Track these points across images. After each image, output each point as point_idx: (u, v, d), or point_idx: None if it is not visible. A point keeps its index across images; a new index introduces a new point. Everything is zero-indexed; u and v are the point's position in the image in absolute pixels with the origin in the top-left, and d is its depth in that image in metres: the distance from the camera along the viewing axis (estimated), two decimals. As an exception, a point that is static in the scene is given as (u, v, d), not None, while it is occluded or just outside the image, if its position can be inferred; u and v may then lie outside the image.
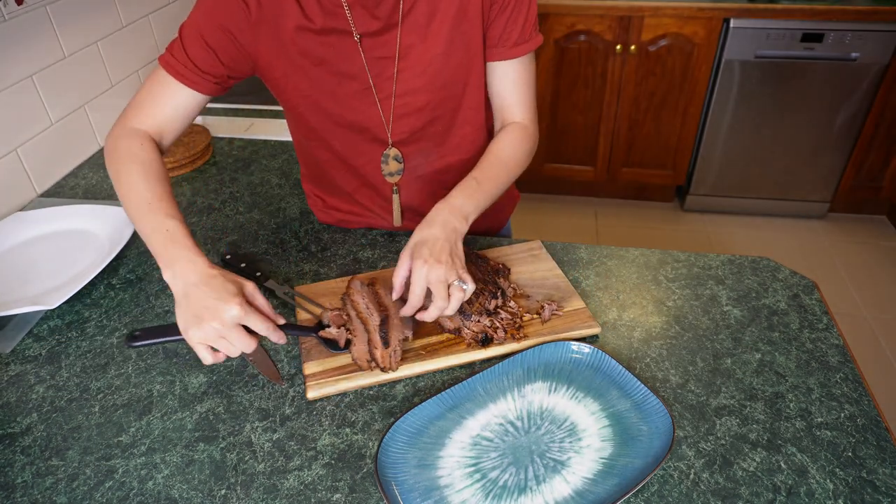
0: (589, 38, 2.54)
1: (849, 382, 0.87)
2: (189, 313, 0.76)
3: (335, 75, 0.96)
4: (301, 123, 1.05)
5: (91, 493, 0.75)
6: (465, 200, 0.92)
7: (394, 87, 0.98)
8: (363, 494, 0.74)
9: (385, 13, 0.92)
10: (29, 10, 1.34)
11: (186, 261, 0.78)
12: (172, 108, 0.95)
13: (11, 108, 1.32)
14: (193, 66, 0.93)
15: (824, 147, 2.65)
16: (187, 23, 0.94)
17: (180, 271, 0.78)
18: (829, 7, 2.33)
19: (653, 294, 1.03)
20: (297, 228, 1.22)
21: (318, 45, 0.94)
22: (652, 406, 0.81)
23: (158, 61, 0.95)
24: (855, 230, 2.84)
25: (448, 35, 0.95)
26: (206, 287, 0.76)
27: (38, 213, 1.23)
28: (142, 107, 0.95)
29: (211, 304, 0.75)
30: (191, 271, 0.77)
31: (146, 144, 0.92)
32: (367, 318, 0.90)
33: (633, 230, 2.88)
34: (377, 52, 0.95)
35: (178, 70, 0.93)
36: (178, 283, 0.77)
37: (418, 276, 0.84)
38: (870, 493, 0.73)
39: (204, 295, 0.75)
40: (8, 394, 0.89)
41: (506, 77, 1.01)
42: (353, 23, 0.92)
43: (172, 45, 0.94)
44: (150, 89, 0.95)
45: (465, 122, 1.05)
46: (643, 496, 0.73)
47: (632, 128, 2.75)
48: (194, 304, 0.75)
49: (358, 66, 0.96)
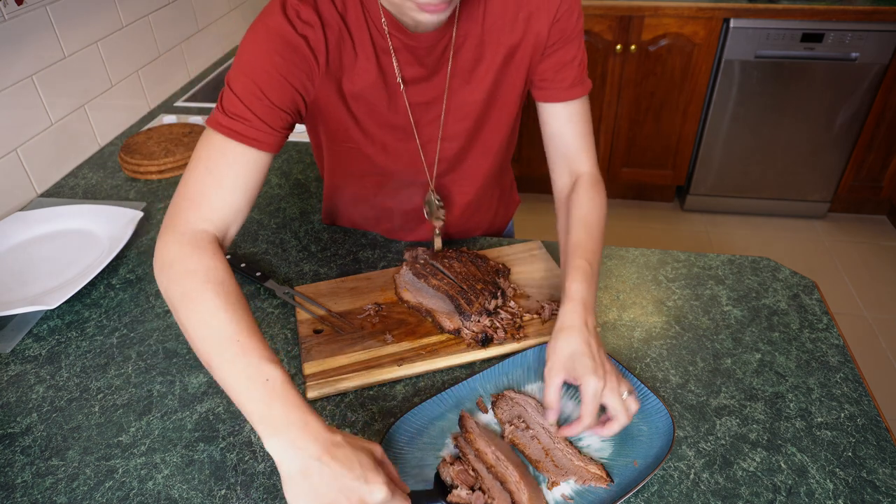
0: (589, 38, 2.54)
1: (849, 382, 0.86)
2: (314, 496, 0.59)
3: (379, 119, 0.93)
4: (334, 154, 1.02)
5: (91, 493, 0.75)
6: (587, 291, 0.82)
7: (440, 132, 0.96)
8: (363, 494, 0.74)
9: (432, 62, 0.89)
10: (29, 10, 1.34)
11: (302, 425, 0.61)
12: (241, 186, 0.78)
13: (11, 108, 1.32)
14: (262, 124, 0.77)
15: (824, 147, 2.65)
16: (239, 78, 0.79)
17: (297, 440, 0.60)
18: (829, 7, 2.33)
19: (653, 294, 1.03)
20: (297, 228, 1.22)
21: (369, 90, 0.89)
22: (652, 406, 0.81)
23: (211, 126, 0.78)
24: (855, 230, 2.84)
25: (493, 80, 0.93)
26: (336, 463, 0.60)
27: (38, 213, 1.23)
28: (201, 197, 0.76)
29: (350, 486, 0.60)
30: (312, 441, 0.61)
31: (217, 256, 0.72)
32: (503, 473, 0.72)
33: (633, 230, 2.88)
34: (420, 97, 0.92)
35: (245, 133, 0.77)
36: (297, 456, 0.60)
37: (591, 393, 0.74)
38: (870, 493, 0.73)
39: (336, 473, 0.60)
40: (8, 394, 0.89)
41: (563, 118, 0.96)
42: (399, 68, 0.88)
43: (224, 104, 0.78)
44: (206, 169, 0.77)
45: (489, 153, 1.04)
46: (643, 496, 0.73)
47: (632, 128, 2.75)
48: (323, 485, 0.59)
49: (402, 111, 0.93)
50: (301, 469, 0.60)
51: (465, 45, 0.89)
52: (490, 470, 0.73)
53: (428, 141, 0.98)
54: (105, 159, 1.52)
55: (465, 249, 1.05)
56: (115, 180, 1.42)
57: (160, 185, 1.38)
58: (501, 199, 1.20)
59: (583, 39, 0.95)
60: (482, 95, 0.93)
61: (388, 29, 0.85)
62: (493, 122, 0.99)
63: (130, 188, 1.38)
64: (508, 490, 0.70)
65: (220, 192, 0.76)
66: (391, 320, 0.96)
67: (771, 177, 2.77)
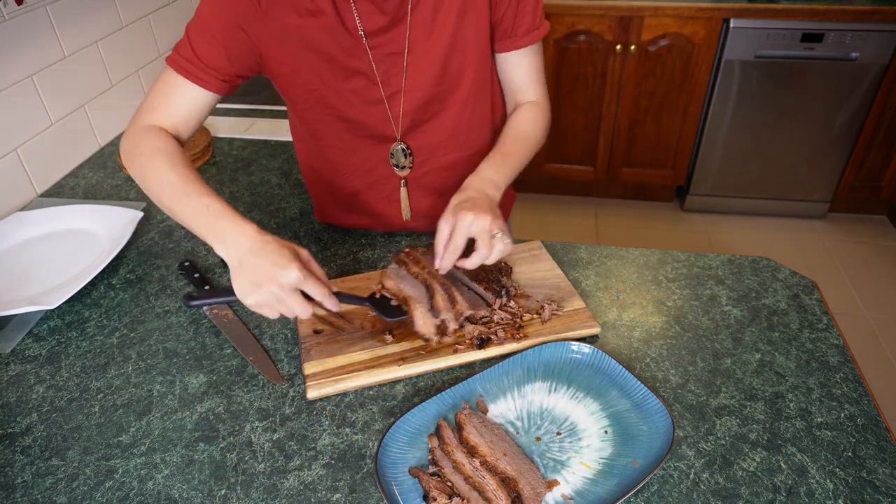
0: (589, 38, 2.54)
1: (849, 382, 0.86)
2: (246, 280, 0.76)
3: (341, 71, 0.96)
4: (306, 121, 1.05)
5: (91, 493, 0.75)
6: (493, 172, 0.94)
7: (403, 83, 0.98)
8: (363, 494, 0.74)
9: (392, 8, 0.92)
10: (29, 10, 1.34)
11: (236, 231, 0.79)
12: (185, 106, 0.95)
13: (11, 108, 1.32)
14: (202, 64, 0.92)
15: (824, 147, 2.65)
16: (194, 22, 0.93)
17: (232, 242, 0.78)
18: (829, 7, 2.33)
19: (653, 294, 1.03)
20: (297, 228, 1.22)
21: (325, 39, 0.93)
22: (652, 406, 0.81)
23: (166, 62, 0.94)
24: (855, 230, 2.84)
25: (454, 28, 0.95)
26: (261, 253, 0.77)
27: (38, 213, 1.23)
28: (154, 107, 0.95)
29: (268, 270, 0.76)
30: (243, 240, 0.78)
31: (165, 136, 0.92)
32: (480, 482, 0.73)
33: (633, 230, 2.88)
34: (384, 48, 0.95)
35: (186, 69, 0.92)
36: (233, 253, 0.78)
37: (462, 224, 0.85)
38: (870, 493, 0.73)
39: (260, 261, 0.76)
40: (8, 394, 0.89)
41: (518, 65, 1.04)
42: (360, 19, 0.92)
43: (180, 44, 0.94)
44: (160, 90, 0.95)
45: (472, 116, 1.05)
46: (643, 496, 0.73)
47: (632, 128, 2.75)
48: (251, 272, 0.76)
49: (365, 63, 0.96)
50: (239, 261, 0.78)
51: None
52: (468, 481, 0.73)
53: (393, 93, 0.99)
54: (105, 159, 1.52)
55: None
56: (115, 180, 1.42)
57: (160, 185, 1.38)
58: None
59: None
60: (444, 44, 0.96)
61: None
62: (460, 72, 1.00)
63: (130, 188, 1.38)
64: (487, 499, 0.70)
65: (168, 106, 0.95)
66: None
67: (771, 177, 2.77)
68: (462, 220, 0.85)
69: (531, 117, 1.05)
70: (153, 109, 0.95)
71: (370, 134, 1.03)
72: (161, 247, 1.17)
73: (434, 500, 0.71)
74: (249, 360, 0.92)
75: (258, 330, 0.97)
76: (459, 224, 0.86)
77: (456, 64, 0.98)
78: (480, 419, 0.79)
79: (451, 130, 1.05)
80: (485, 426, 0.78)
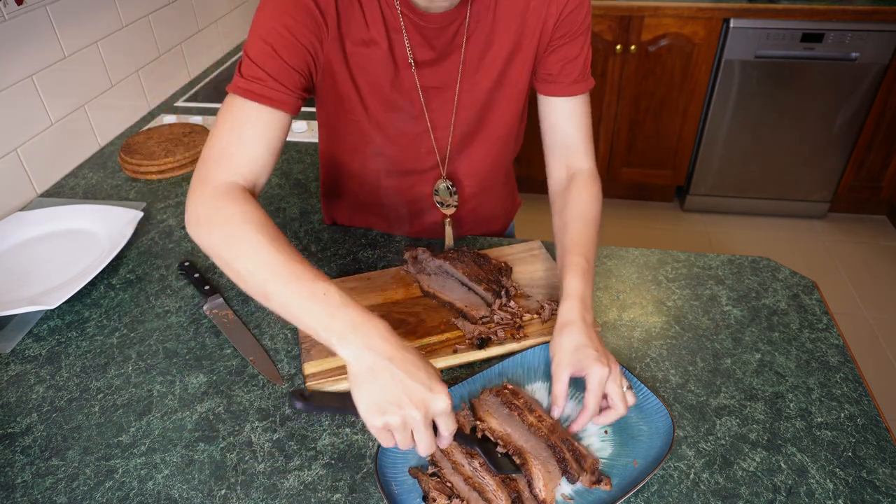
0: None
1: (849, 382, 0.86)
2: (380, 395, 0.62)
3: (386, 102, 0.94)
4: (341, 137, 1.02)
5: (91, 493, 0.75)
6: (584, 288, 0.84)
7: (452, 117, 0.97)
8: (363, 494, 0.74)
9: (442, 45, 0.90)
10: (29, 10, 1.34)
11: (368, 327, 0.65)
12: (263, 146, 0.81)
13: (11, 108, 1.32)
14: (272, 80, 0.80)
15: (824, 147, 2.65)
16: (252, 43, 0.81)
17: (363, 341, 0.64)
18: (829, 7, 2.33)
19: (653, 294, 1.03)
20: (298, 228, 1.21)
21: (376, 69, 0.90)
22: (652, 406, 0.81)
23: (228, 90, 0.81)
24: (855, 230, 2.84)
25: (501, 69, 0.94)
26: (404, 365, 0.63)
27: (38, 213, 1.23)
28: (228, 154, 0.79)
29: (415, 390, 0.62)
30: (379, 341, 0.64)
31: (250, 201, 0.76)
32: (480, 483, 0.72)
33: (633, 230, 2.88)
34: (431, 80, 0.93)
35: (253, 90, 0.79)
36: (364, 355, 0.63)
37: (597, 381, 0.75)
38: (870, 493, 0.73)
39: (404, 374, 0.62)
40: (8, 394, 0.89)
41: (566, 113, 0.97)
42: (412, 52, 0.90)
43: (240, 68, 0.82)
44: (229, 129, 0.80)
45: (499, 155, 1.07)
46: (643, 496, 0.73)
47: (632, 128, 2.75)
48: (390, 387, 0.62)
49: (407, 93, 0.93)
50: (370, 367, 0.63)
51: (476, 31, 0.90)
52: (467, 481, 0.72)
53: (438, 126, 0.98)
54: (105, 159, 1.52)
55: (465, 249, 1.05)
56: (115, 180, 1.42)
57: (160, 185, 1.38)
58: (507, 197, 1.20)
59: (589, 36, 0.95)
60: (490, 83, 0.95)
61: (399, 7, 0.86)
62: (500, 111, 0.99)
63: (130, 188, 1.38)
64: (486, 499, 0.70)
65: (243, 148, 0.79)
66: (391, 320, 0.95)
67: (771, 177, 2.77)
68: (595, 377, 0.75)
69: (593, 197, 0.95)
70: (226, 158, 0.79)
71: (410, 169, 1.04)
72: (161, 247, 1.17)
73: (434, 500, 0.71)
74: (249, 360, 0.92)
75: (258, 330, 0.97)
76: (593, 380, 0.75)
77: (499, 104, 0.98)
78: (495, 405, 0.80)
79: (478, 165, 1.06)
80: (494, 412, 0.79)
